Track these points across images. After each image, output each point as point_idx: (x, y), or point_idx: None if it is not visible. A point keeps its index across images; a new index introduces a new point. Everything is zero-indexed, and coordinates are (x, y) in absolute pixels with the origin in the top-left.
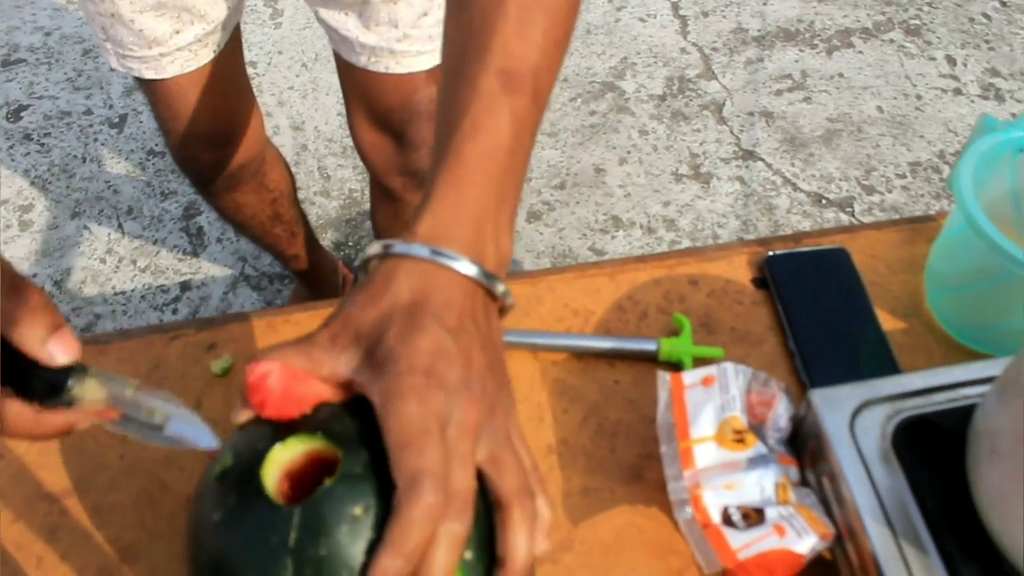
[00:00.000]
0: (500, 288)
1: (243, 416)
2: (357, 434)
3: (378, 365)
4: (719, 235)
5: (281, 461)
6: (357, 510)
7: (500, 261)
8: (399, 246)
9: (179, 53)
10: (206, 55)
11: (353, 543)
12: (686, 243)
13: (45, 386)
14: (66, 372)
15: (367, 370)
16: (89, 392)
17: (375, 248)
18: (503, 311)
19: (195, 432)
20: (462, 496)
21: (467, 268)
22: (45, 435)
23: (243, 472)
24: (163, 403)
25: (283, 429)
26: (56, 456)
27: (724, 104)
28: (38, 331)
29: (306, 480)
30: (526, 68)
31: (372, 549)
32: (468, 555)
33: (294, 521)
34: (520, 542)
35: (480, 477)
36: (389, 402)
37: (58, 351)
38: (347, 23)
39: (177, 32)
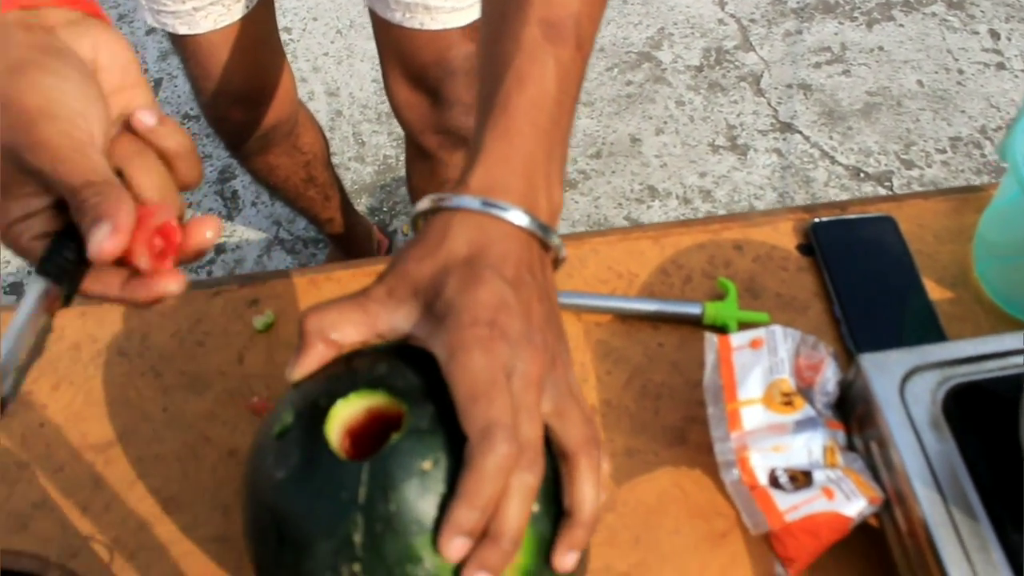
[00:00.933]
0: (554, 239)
1: (298, 373)
2: (419, 388)
3: (439, 319)
4: (755, 207)
5: (343, 417)
6: (426, 464)
7: (552, 212)
8: (453, 199)
9: (212, 8)
10: (239, 10)
11: (422, 497)
12: (722, 214)
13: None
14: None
15: (427, 324)
16: None
17: (427, 202)
18: (556, 263)
19: None
20: (533, 447)
21: (522, 219)
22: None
23: (306, 429)
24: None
25: (343, 385)
26: (100, 407)
27: (762, 76)
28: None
29: (366, 436)
30: (567, 16)
31: (442, 503)
32: (535, 508)
33: (363, 477)
34: (588, 492)
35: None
36: (455, 355)
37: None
38: None
39: None
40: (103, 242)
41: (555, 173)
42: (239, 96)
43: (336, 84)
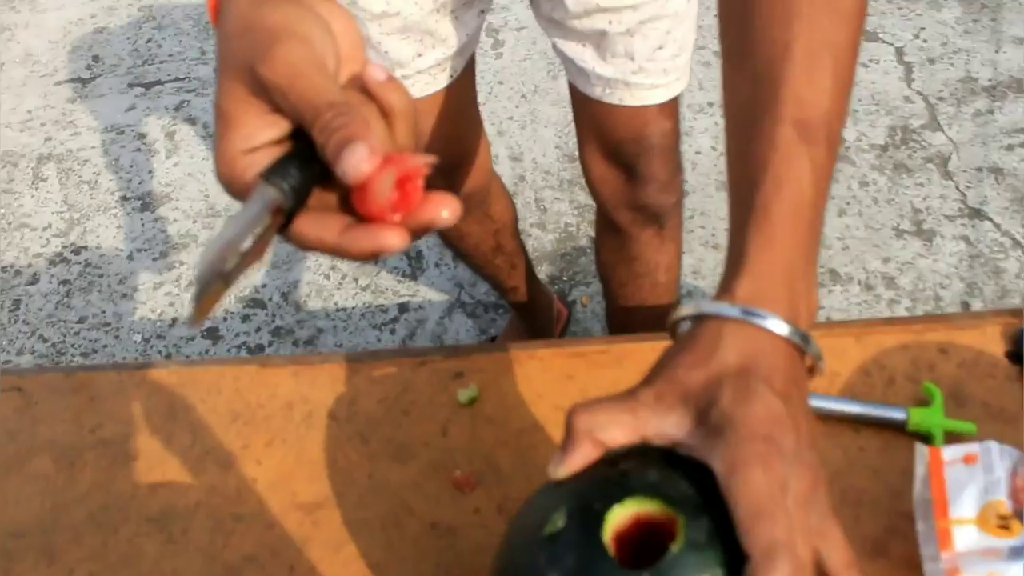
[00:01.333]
0: (814, 350)
1: (564, 471)
2: (692, 499)
3: (715, 431)
4: (941, 297)
5: (615, 522)
6: None
7: (810, 319)
8: (724, 308)
9: (419, 76)
10: (443, 79)
11: None
12: (906, 303)
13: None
14: None
15: (700, 434)
16: None
17: (689, 309)
18: (811, 372)
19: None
20: (808, 569)
21: (790, 333)
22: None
23: (582, 533)
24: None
25: (617, 490)
26: (310, 468)
27: (950, 158)
28: None
29: (629, 542)
30: (819, 116)
31: None
32: None
33: None
34: None
35: None
36: (736, 470)
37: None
38: (584, 54)
39: (419, 55)
40: (362, 161)
41: (812, 279)
42: (439, 165)
43: (520, 149)
